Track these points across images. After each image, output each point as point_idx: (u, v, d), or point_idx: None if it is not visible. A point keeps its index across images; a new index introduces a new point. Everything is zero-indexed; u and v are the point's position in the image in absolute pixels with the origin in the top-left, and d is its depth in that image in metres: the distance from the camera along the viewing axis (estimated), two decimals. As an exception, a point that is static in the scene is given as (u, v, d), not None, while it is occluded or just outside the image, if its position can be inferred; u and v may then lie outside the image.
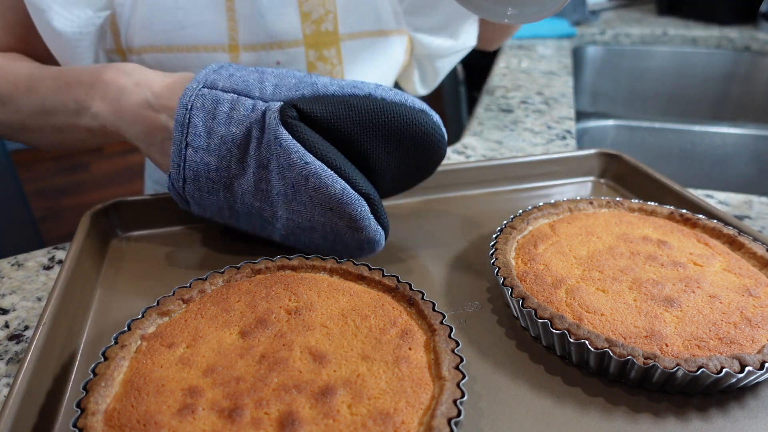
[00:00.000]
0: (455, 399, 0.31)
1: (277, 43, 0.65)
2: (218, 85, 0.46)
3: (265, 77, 0.46)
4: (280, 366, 0.33)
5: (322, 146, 0.43)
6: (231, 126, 0.45)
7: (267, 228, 0.48)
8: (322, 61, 0.69)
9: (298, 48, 0.67)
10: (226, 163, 0.45)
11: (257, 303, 0.39)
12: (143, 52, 0.61)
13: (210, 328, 0.37)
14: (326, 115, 0.43)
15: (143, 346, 0.35)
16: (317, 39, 0.67)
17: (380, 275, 0.42)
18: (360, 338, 0.36)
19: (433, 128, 0.46)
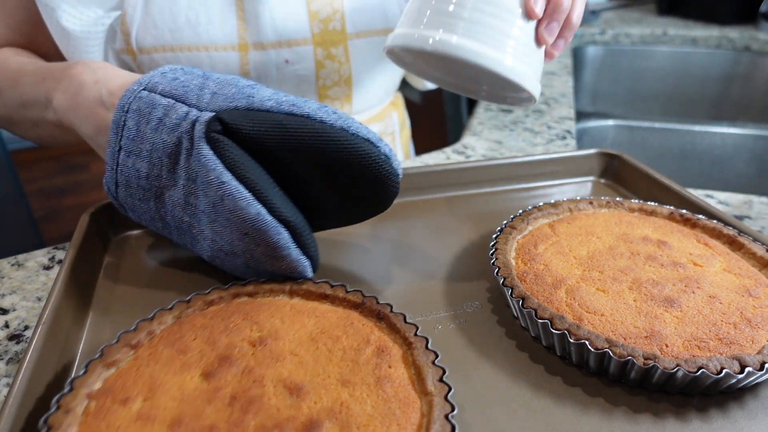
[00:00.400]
0: (446, 414, 0.30)
1: (286, 42, 0.66)
2: (158, 88, 0.43)
3: (207, 84, 0.43)
4: (255, 406, 0.30)
5: (242, 166, 0.40)
6: (162, 133, 0.42)
7: (196, 246, 0.45)
8: (330, 59, 0.69)
9: (306, 46, 0.67)
10: (157, 172, 0.43)
11: (216, 338, 0.35)
12: (153, 51, 0.62)
13: (167, 374, 0.33)
14: (253, 133, 0.40)
15: (92, 407, 0.31)
16: (325, 37, 0.67)
17: (344, 292, 0.40)
18: (335, 362, 0.34)
19: (378, 159, 0.41)
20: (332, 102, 0.73)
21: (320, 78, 0.70)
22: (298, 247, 0.42)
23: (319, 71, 0.69)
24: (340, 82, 0.72)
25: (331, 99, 0.73)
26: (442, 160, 0.77)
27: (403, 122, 0.91)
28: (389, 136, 0.85)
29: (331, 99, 0.73)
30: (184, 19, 0.61)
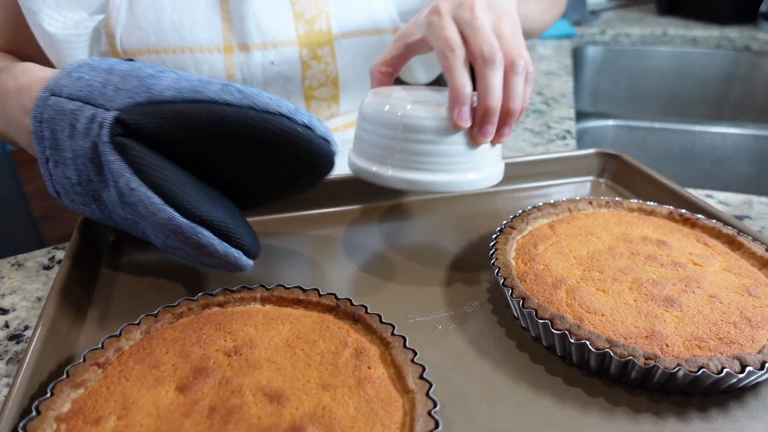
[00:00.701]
0: (429, 410, 0.30)
1: (271, 43, 0.65)
2: (64, 91, 0.41)
3: (110, 79, 0.40)
4: (235, 416, 0.30)
5: (149, 168, 0.37)
6: (77, 140, 0.40)
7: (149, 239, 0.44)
8: (316, 60, 0.69)
9: (292, 47, 0.66)
10: (86, 177, 0.41)
11: (189, 350, 0.34)
12: (138, 54, 0.61)
13: (140, 391, 0.32)
14: (155, 129, 0.38)
15: (62, 429, 0.30)
16: (311, 38, 0.67)
17: (317, 296, 0.40)
18: (314, 367, 0.34)
19: (295, 133, 0.39)
20: (319, 103, 0.72)
21: (306, 79, 0.69)
22: (223, 242, 0.39)
23: (305, 72, 0.69)
24: (327, 82, 0.71)
25: (317, 100, 0.72)
26: (442, 160, 0.76)
27: None
28: None
29: (317, 100, 0.72)
30: (169, 21, 0.61)
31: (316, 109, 0.72)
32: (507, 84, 0.43)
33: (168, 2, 0.60)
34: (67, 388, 0.32)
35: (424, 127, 0.43)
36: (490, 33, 0.42)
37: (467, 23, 0.43)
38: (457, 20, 0.44)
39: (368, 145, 0.47)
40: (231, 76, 0.65)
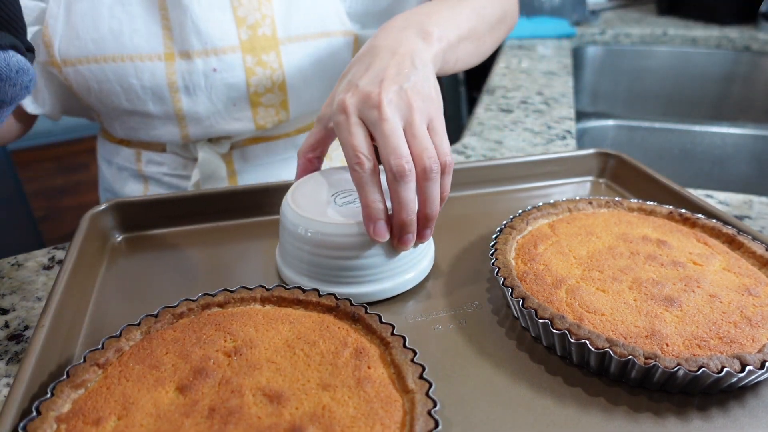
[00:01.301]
0: (429, 410, 0.30)
1: (212, 50, 0.64)
2: None
3: None
4: (235, 416, 0.30)
5: None
6: None
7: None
8: (260, 66, 0.67)
9: (234, 54, 0.65)
10: None
11: (189, 351, 0.34)
12: (78, 63, 0.61)
13: (140, 391, 0.32)
14: None
15: (62, 430, 0.30)
16: (254, 44, 0.66)
17: (317, 296, 0.40)
18: (314, 367, 0.34)
19: None
20: (267, 109, 0.70)
21: (251, 85, 0.68)
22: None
23: (249, 78, 0.67)
24: (274, 88, 0.69)
25: (264, 106, 0.70)
26: (442, 160, 0.76)
27: None
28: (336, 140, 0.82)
29: (264, 106, 0.70)
30: (107, 29, 0.60)
31: (263, 116, 0.71)
32: (421, 191, 0.42)
33: (106, 10, 0.60)
34: (68, 388, 0.32)
35: (340, 244, 0.43)
36: (399, 138, 0.41)
37: (374, 125, 0.41)
38: (364, 120, 0.42)
39: (289, 256, 0.46)
40: (173, 83, 0.64)
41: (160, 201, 0.56)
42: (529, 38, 1.51)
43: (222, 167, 0.72)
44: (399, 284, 0.45)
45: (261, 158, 0.75)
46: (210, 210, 0.57)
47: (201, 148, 0.71)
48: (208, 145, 0.71)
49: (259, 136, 0.74)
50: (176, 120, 0.67)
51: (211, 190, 0.57)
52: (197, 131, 0.69)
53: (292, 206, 0.45)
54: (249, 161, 0.74)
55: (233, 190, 0.57)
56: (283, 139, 0.76)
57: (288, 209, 0.45)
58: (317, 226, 0.43)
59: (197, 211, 0.56)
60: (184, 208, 0.56)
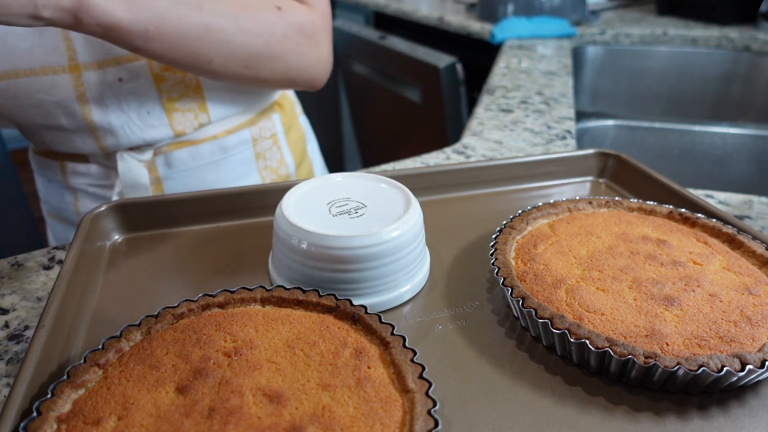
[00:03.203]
0: (428, 410, 0.30)
1: (115, 59, 0.63)
2: None
3: None
4: (235, 416, 0.30)
5: None
6: None
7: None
8: (170, 71, 0.66)
9: (138, 61, 0.64)
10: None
11: (189, 351, 0.34)
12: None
13: (140, 391, 0.32)
14: None
15: (63, 430, 0.30)
16: None
17: (317, 296, 0.40)
18: (314, 367, 0.34)
19: None
20: (184, 114, 0.69)
21: (163, 92, 0.66)
22: None
23: (159, 85, 0.66)
24: (188, 92, 0.68)
25: (181, 111, 0.69)
26: (442, 160, 0.77)
27: (292, 123, 0.85)
28: (269, 139, 0.80)
29: (181, 111, 0.69)
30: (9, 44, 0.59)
31: (181, 121, 0.69)
32: None
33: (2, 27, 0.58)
34: (68, 388, 0.32)
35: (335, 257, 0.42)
36: None
37: None
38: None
39: (282, 265, 0.45)
40: (81, 95, 0.63)
41: (161, 202, 0.56)
42: (529, 38, 1.51)
43: (144, 175, 0.70)
44: (394, 297, 0.45)
45: (186, 163, 0.73)
46: (210, 211, 0.57)
47: (121, 157, 0.69)
48: (129, 153, 0.70)
49: (181, 141, 0.72)
50: (89, 132, 0.66)
51: (211, 191, 0.57)
52: (113, 142, 0.67)
53: (286, 216, 0.44)
54: (174, 167, 0.72)
55: (233, 191, 0.57)
56: (209, 141, 0.74)
57: (282, 219, 0.44)
58: (312, 238, 0.42)
59: (197, 212, 0.56)
60: (185, 209, 0.56)
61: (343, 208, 0.46)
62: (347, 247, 0.42)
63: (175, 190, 0.73)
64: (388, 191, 0.49)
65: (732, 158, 1.06)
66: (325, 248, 0.42)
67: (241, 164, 0.77)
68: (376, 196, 0.48)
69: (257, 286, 0.41)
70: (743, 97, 1.45)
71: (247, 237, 0.55)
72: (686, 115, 1.51)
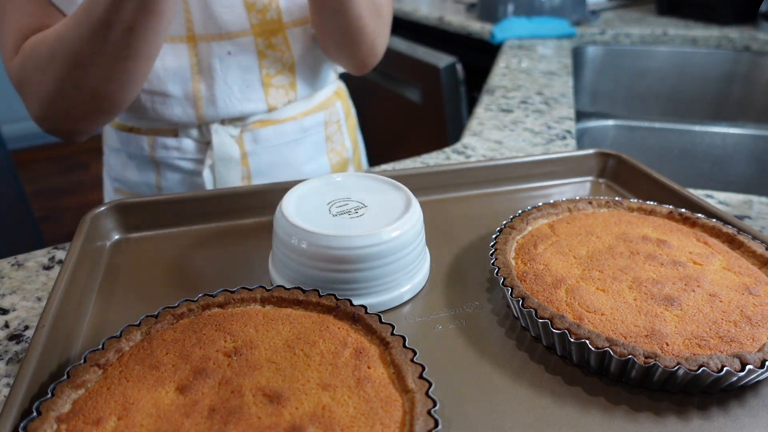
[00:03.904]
0: (428, 410, 0.30)
1: (227, 34, 0.68)
2: None
3: None
4: (235, 416, 0.30)
5: None
6: None
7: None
8: (271, 48, 0.71)
9: (246, 37, 0.69)
10: None
11: (189, 351, 0.35)
12: None
13: (140, 391, 0.32)
14: None
15: (62, 430, 0.30)
16: (264, 28, 0.70)
17: (317, 296, 0.40)
18: (314, 367, 0.34)
19: None
20: (277, 90, 0.75)
21: (263, 67, 0.72)
22: None
23: (261, 61, 0.71)
24: (284, 70, 0.74)
25: (275, 87, 0.75)
26: (442, 160, 0.77)
27: (348, 112, 0.94)
28: (334, 124, 0.87)
29: (275, 87, 0.75)
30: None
31: (275, 96, 0.75)
32: None
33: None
34: (68, 388, 0.32)
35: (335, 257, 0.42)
36: None
37: None
38: None
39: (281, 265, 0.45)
40: (193, 65, 0.68)
41: (161, 202, 0.56)
42: (529, 38, 1.51)
43: (236, 148, 0.75)
44: (394, 297, 0.45)
45: (271, 140, 0.78)
46: (210, 211, 0.57)
47: (215, 131, 0.74)
48: (221, 126, 0.74)
49: (267, 119, 0.77)
50: (193, 101, 0.71)
51: (211, 191, 0.57)
52: (212, 113, 0.72)
53: (286, 216, 0.44)
54: (260, 143, 0.78)
55: (233, 191, 0.57)
56: (290, 121, 0.79)
57: (282, 219, 0.44)
58: (312, 238, 0.42)
59: (197, 212, 0.56)
60: (185, 209, 0.56)
61: (343, 208, 0.46)
62: (347, 247, 0.42)
63: (259, 166, 0.79)
64: (388, 191, 0.49)
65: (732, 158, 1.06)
66: (325, 248, 0.42)
67: (314, 144, 0.84)
68: (376, 196, 0.48)
69: (257, 286, 0.41)
70: (743, 97, 1.45)
71: (247, 237, 0.55)
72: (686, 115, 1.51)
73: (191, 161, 0.76)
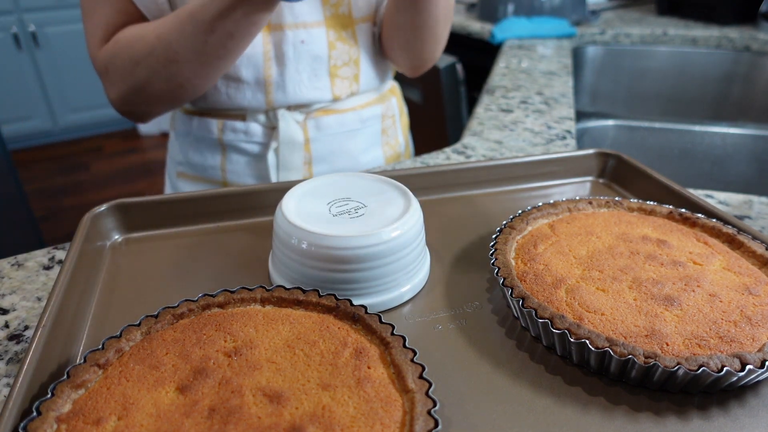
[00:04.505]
0: (428, 410, 0.30)
1: (302, 24, 0.73)
2: None
3: None
4: (235, 416, 0.30)
5: None
6: None
7: None
8: (341, 41, 0.76)
9: (319, 28, 0.74)
10: None
11: (190, 351, 0.35)
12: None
13: (141, 391, 0.32)
14: None
15: (63, 430, 0.30)
16: (335, 21, 0.74)
17: (317, 296, 0.40)
18: (314, 367, 0.34)
19: None
20: (342, 81, 0.79)
21: (332, 58, 0.76)
22: None
23: (331, 52, 0.75)
24: (350, 62, 0.78)
25: (341, 78, 0.78)
26: (442, 160, 0.77)
27: (402, 109, 0.96)
28: (390, 118, 0.90)
29: (341, 78, 0.78)
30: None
31: (339, 87, 0.79)
32: None
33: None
34: (68, 388, 0.32)
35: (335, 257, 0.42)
36: None
37: None
38: None
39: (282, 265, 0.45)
40: (267, 52, 0.72)
41: (161, 202, 0.56)
42: (529, 38, 1.51)
43: (300, 133, 0.79)
44: (394, 297, 0.45)
45: (333, 128, 0.82)
46: (210, 211, 0.57)
47: (282, 116, 0.78)
48: (287, 112, 0.78)
49: (330, 108, 0.81)
50: (264, 86, 0.75)
51: (211, 191, 0.57)
52: (281, 98, 0.76)
53: (286, 216, 0.44)
54: (322, 130, 0.81)
55: (233, 191, 0.57)
56: (351, 112, 0.83)
57: (282, 219, 0.44)
58: (311, 238, 0.42)
59: (197, 212, 0.56)
60: (184, 208, 0.56)
61: (343, 208, 0.46)
62: (347, 247, 0.42)
63: (320, 152, 0.82)
64: (388, 191, 0.49)
65: (732, 158, 1.06)
66: (325, 248, 0.42)
67: (371, 135, 0.87)
68: (376, 196, 0.48)
69: (257, 286, 0.41)
70: (743, 97, 1.45)
71: (247, 237, 0.55)
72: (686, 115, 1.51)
73: (257, 144, 0.80)
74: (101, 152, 3.27)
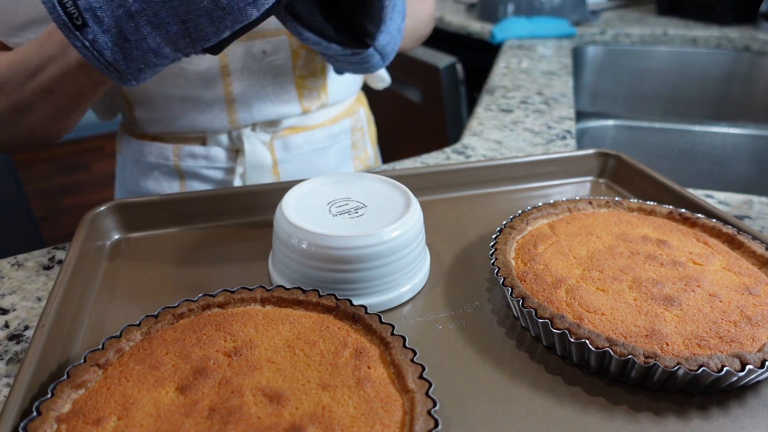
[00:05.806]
0: (428, 410, 0.30)
1: (261, 33, 0.67)
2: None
3: None
4: (235, 416, 0.30)
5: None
6: None
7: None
8: (305, 48, 0.70)
9: (281, 37, 0.68)
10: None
11: (189, 351, 0.35)
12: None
13: (141, 391, 0.32)
14: None
15: (63, 430, 0.30)
16: None
17: (317, 296, 0.40)
18: (314, 367, 0.34)
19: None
20: (311, 92, 0.74)
21: (297, 68, 0.71)
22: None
23: (295, 61, 0.70)
24: (317, 72, 0.73)
25: (309, 89, 0.74)
26: (442, 160, 0.77)
27: (369, 119, 0.92)
28: (359, 131, 0.86)
29: (309, 89, 0.74)
30: None
31: (308, 98, 0.74)
32: None
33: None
34: (68, 388, 0.32)
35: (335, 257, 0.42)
36: None
37: None
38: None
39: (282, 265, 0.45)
40: (225, 67, 0.66)
41: (160, 202, 0.56)
42: (529, 38, 1.51)
43: (268, 155, 0.74)
44: (394, 297, 0.45)
45: (302, 147, 0.77)
46: (210, 210, 0.57)
47: (247, 137, 0.72)
48: (252, 133, 0.73)
49: (299, 125, 0.77)
50: (225, 104, 0.69)
51: (211, 192, 0.57)
52: (246, 116, 0.71)
53: (286, 216, 0.44)
54: (290, 150, 0.77)
55: (233, 191, 0.57)
56: (320, 128, 0.79)
57: (282, 219, 0.44)
58: (311, 238, 0.42)
59: (197, 212, 0.56)
60: (184, 208, 0.56)
61: (343, 208, 0.46)
62: (347, 247, 0.42)
63: (290, 173, 0.77)
64: (388, 191, 0.49)
65: (732, 158, 1.06)
66: (325, 248, 0.42)
67: (342, 151, 0.83)
68: (376, 196, 0.48)
69: (257, 286, 0.41)
70: (743, 97, 1.45)
71: (247, 237, 0.55)
72: (686, 115, 1.51)
73: (221, 170, 0.74)
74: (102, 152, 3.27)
